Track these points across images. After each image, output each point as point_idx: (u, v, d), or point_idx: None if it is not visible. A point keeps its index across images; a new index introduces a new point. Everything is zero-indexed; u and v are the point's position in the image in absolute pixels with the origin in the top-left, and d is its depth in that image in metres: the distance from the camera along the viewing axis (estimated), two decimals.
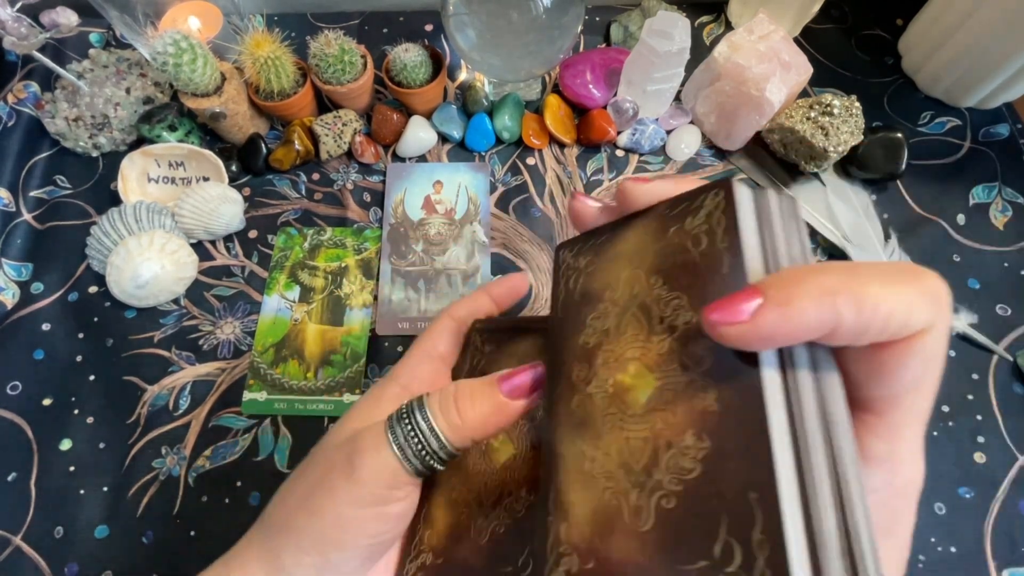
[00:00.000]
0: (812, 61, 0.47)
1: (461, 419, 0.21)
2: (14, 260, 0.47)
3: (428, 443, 0.21)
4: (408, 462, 0.21)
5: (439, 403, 0.21)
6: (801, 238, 0.16)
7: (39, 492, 0.40)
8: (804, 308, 0.13)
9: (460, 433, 0.21)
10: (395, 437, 0.21)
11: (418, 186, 0.50)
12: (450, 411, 0.21)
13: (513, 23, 0.42)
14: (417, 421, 0.21)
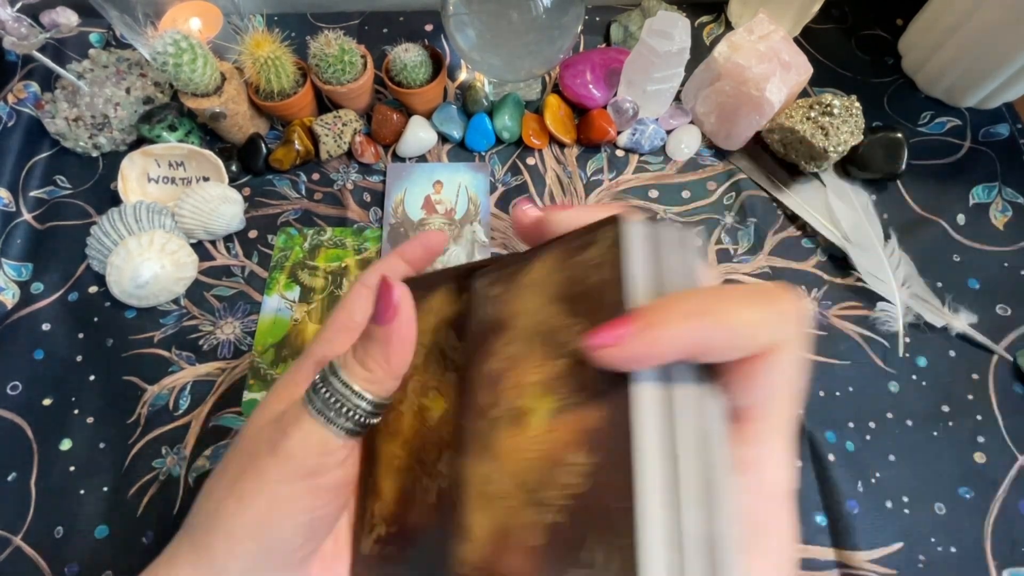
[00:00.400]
0: (812, 61, 0.47)
1: (367, 368, 0.21)
2: (14, 260, 0.47)
3: (348, 400, 0.21)
4: (334, 425, 0.21)
5: (344, 363, 0.21)
6: (688, 267, 0.17)
7: (39, 492, 0.40)
8: (666, 332, 0.14)
9: (375, 380, 0.21)
10: (314, 405, 0.21)
11: (418, 186, 0.50)
12: (354, 366, 0.21)
13: (513, 23, 0.42)
14: (333, 385, 0.21)
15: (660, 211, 0.49)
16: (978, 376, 0.42)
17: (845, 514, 0.38)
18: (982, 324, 0.43)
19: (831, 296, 0.45)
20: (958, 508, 0.39)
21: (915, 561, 0.37)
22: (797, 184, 0.49)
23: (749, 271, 0.46)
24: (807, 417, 0.41)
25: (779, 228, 0.48)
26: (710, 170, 0.50)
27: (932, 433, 0.41)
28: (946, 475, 0.39)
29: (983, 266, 0.46)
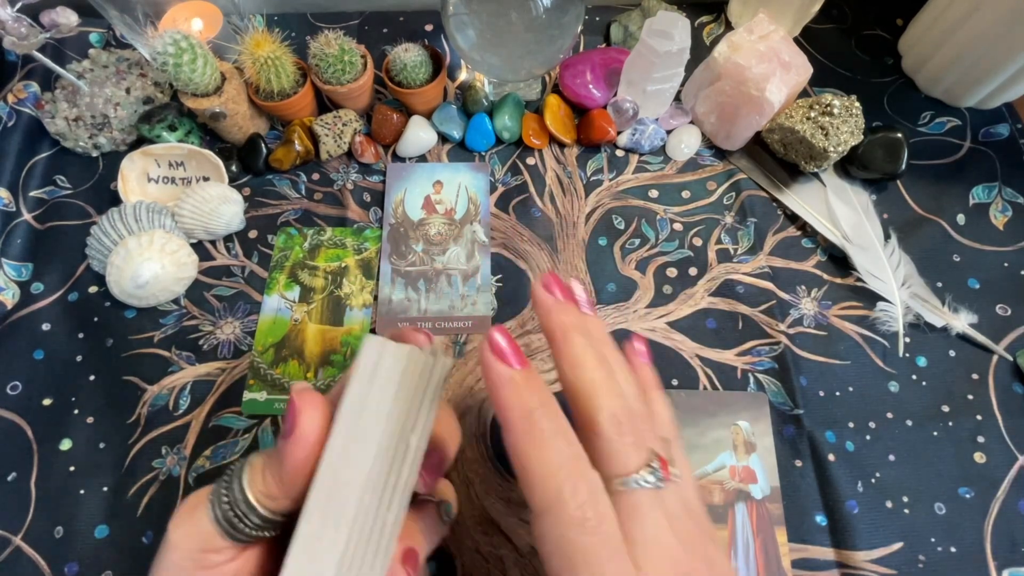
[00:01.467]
0: (812, 61, 0.47)
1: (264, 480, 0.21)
2: (14, 260, 0.47)
3: (238, 505, 0.21)
4: (218, 523, 0.21)
5: (253, 464, 0.22)
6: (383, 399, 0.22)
7: (39, 492, 0.40)
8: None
9: (269, 493, 0.21)
10: (212, 499, 0.21)
11: (418, 186, 0.50)
12: (257, 473, 0.21)
13: (513, 23, 0.42)
14: (232, 484, 0.22)
15: (660, 211, 0.49)
16: (978, 376, 0.42)
17: (845, 514, 0.38)
18: (982, 324, 0.43)
19: (831, 296, 0.45)
20: (958, 508, 0.39)
21: (915, 561, 0.37)
22: (797, 184, 0.49)
23: (749, 271, 0.46)
24: (807, 417, 0.41)
25: (779, 228, 0.48)
26: (710, 170, 0.51)
27: (932, 433, 0.41)
28: (946, 475, 0.39)
29: (983, 266, 0.46)
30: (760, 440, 0.40)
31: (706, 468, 0.37)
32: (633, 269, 0.46)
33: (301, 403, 0.21)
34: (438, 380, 0.23)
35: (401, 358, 0.22)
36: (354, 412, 0.22)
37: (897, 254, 0.45)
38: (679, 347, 0.43)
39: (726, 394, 0.41)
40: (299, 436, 0.21)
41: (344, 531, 0.20)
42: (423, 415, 0.22)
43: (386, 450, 0.21)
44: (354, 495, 0.21)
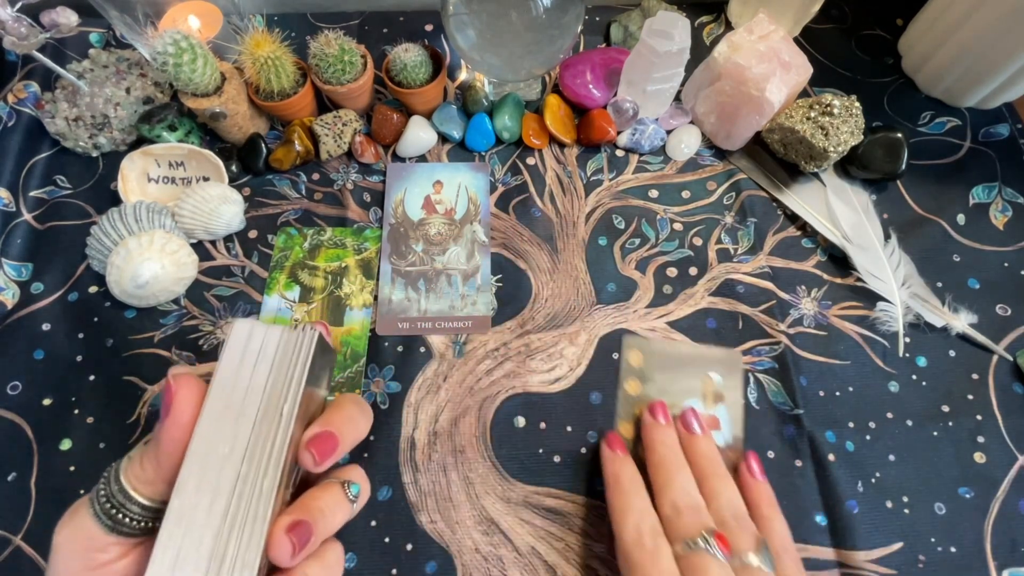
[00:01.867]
0: (812, 61, 0.47)
1: (142, 466, 0.22)
2: (14, 260, 0.47)
3: (114, 496, 0.22)
4: (97, 518, 0.22)
5: (129, 456, 0.23)
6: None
7: (39, 492, 0.40)
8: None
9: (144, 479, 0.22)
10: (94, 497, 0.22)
11: (418, 186, 0.50)
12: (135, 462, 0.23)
13: (513, 23, 0.42)
14: (108, 478, 0.22)
15: (660, 211, 0.49)
16: (978, 376, 0.42)
17: (845, 514, 0.38)
18: (982, 324, 0.43)
19: (831, 296, 0.45)
20: (958, 508, 0.39)
21: (915, 561, 0.37)
22: (797, 184, 0.49)
23: (749, 271, 0.46)
24: (807, 417, 0.41)
25: (779, 228, 0.48)
26: (710, 170, 0.51)
27: (932, 433, 0.41)
28: (946, 475, 0.39)
29: (983, 266, 0.46)
30: (730, 394, 0.41)
31: (672, 413, 0.40)
32: (633, 269, 0.46)
33: (177, 385, 0.22)
34: (307, 353, 0.24)
35: (271, 337, 0.24)
36: (225, 388, 0.23)
37: (897, 254, 0.45)
38: None
39: (703, 347, 0.43)
40: (175, 416, 0.22)
41: (222, 500, 0.21)
42: (294, 386, 0.24)
43: (259, 422, 0.23)
44: (230, 465, 0.22)
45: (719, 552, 0.29)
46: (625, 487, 0.33)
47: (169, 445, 0.22)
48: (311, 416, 0.26)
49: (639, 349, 0.43)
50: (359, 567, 0.37)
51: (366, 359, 0.43)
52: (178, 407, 0.22)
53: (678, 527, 0.30)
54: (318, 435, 0.25)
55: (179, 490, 0.21)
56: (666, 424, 0.37)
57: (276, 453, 0.23)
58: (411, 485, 0.39)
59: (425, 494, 0.39)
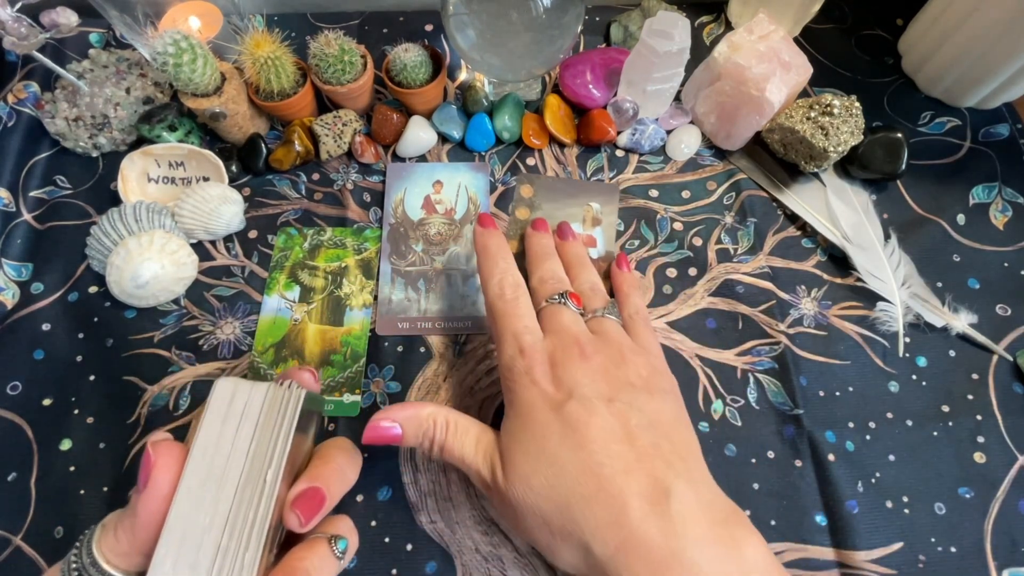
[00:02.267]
0: (812, 61, 0.47)
1: (116, 538, 0.22)
2: (14, 260, 0.47)
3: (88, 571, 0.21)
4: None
5: (104, 525, 0.22)
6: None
7: (39, 492, 0.40)
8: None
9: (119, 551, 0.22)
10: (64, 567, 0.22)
11: (418, 186, 0.50)
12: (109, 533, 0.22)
13: (513, 23, 0.42)
14: (81, 548, 0.22)
15: (661, 210, 0.49)
16: (978, 376, 0.42)
17: (845, 514, 0.38)
18: (982, 324, 0.43)
19: (831, 296, 0.45)
20: (958, 508, 0.39)
21: (915, 561, 0.37)
22: (797, 184, 0.49)
23: (749, 271, 0.46)
24: (807, 417, 0.41)
25: (779, 228, 0.48)
26: (710, 170, 0.51)
27: (932, 433, 0.41)
28: (946, 475, 0.39)
29: (983, 266, 0.46)
30: (606, 218, 0.48)
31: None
32: (633, 269, 0.46)
33: (156, 454, 0.21)
34: (292, 413, 0.23)
35: (255, 396, 0.23)
36: (206, 454, 0.22)
37: (897, 254, 0.45)
38: (679, 347, 0.44)
39: (587, 182, 0.50)
40: (152, 488, 0.21)
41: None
42: (278, 450, 0.23)
43: (242, 489, 0.22)
44: (209, 538, 0.21)
45: (572, 304, 0.35)
46: (492, 252, 0.37)
47: (146, 517, 0.21)
48: (297, 467, 0.25)
49: (530, 183, 0.49)
50: (359, 567, 0.37)
51: (366, 359, 0.43)
52: (156, 477, 0.21)
53: (541, 292, 0.36)
54: (304, 493, 0.24)
55: (155, 567, 0.20)
56: (544, 232, 0.42)
57: (259, 523, 0.22)
58: (411, 485, 0.39)
59: (425, 494, 0.39)
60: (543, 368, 0.31)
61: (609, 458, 0.27)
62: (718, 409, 0.42)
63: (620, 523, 0.25)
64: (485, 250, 0.37)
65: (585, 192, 0.49)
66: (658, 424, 0.29)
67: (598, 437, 0.28)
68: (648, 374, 0.32)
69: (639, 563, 0.24)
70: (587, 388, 0.30)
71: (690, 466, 0.29)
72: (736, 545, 0.25)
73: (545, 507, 0.26)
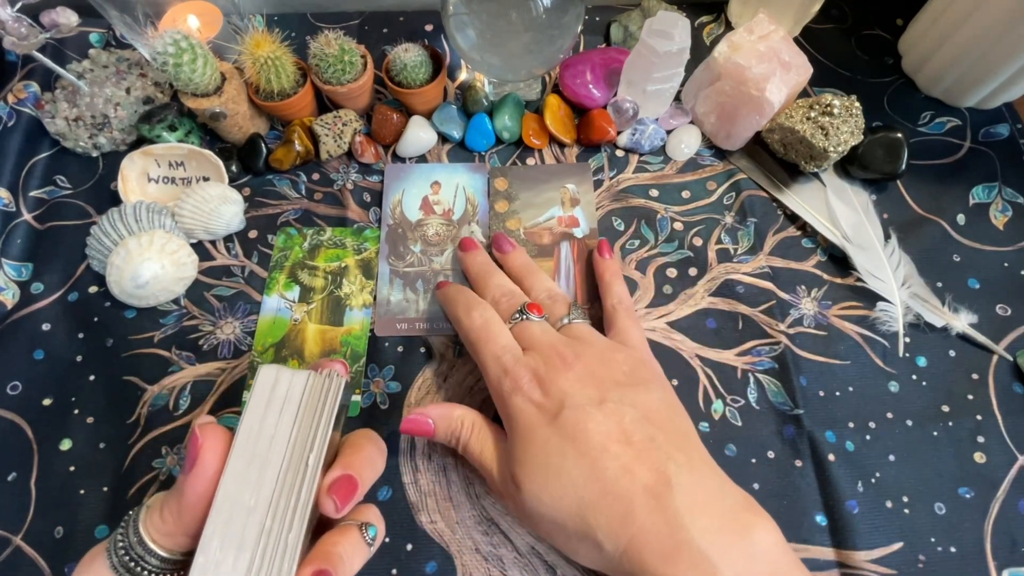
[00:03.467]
0: (812, 61, 0.47)
1: (162, 519, 0.22)
2: (14, 260, 0.47)
3: (133, 548, 0.21)
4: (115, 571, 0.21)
5: (150, 505, 0.22)
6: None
7: (39, 492, 0.40)
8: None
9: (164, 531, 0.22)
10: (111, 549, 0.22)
11: (416, 187, 0.50)
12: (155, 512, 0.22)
13: (513, 23, 0.42)
14: (128, 529, 0.22)
15: (661, 210, 0.49)
16: (978, 376, 0.42)
17: (845, 514, 0.38)
18: (982, 324, 0.43)
19: (831, 296, 0.45)
20: (958, 508, 0.39)
21: (915, 561, 0.37)
22: (797, 184, 0.49)
23: (749, 271, 0.46)
24: (807, 417, 0.41)
25: (779, 228, 0.48)
26: (710, 170, 0.51)
27: (932, 433, 0.41)
28: (946, 475, 0.39)
29: (983, 266, 0.46)
30: (584, 197, 0.49)
31: (538, 219, 0.48)
32: (633, 269, 0.46)
33: (204, 436, 0.22)
34: (333, 400, 0.24)
35: (296, 383, 0.24)
36: (251, 437, 0.23)
37: (897, 254, 0.45)
38: (679, 347, 0.44)
39: (556, 165, 0.51)
40: (200, 469, 0.22)
41: (246, 555, 0.21)
42: (320, 435, 0.24)
43: (285, 472, 0.22)
44: (254, 519, 0.21)
45: (535, 316, 0.35)
46: (450, 293, 0.39)
47: (193, 497, 0.21)
48: (329, 457, 0.26)
49: (503, 176, 0.50)
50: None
51: (366, 359, 0.43)
52: (203, 459, 0.22)
53: (501, 313, 0.36)
54: (339, 479, 0.25)
55: (204, 547, 0.21)
56: (476, 250, 0.43)
57: (302, 504, 0.23)
58: (411, 485, 0.39)
59: (425, 494, 0.39)
60: (530, 384, 0.32)
61: (610, 460, 0.28)
62: (718, 409, 0.42)
63: (628, 521, 0.26)
64: (443, 291, 0.41)
65: (557, 176, 0.50)
66: (651, 416, 0.30)
67: (596, 441, 0.28)
68: (631, 368, 0.33)
69: (651, 557, 0.25)
70: (577, 396, 0.30)
71: (690, 455, 0.29)
72: (745, 531, 0.26)
73: (558, 516, 0.28)
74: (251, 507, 0.22)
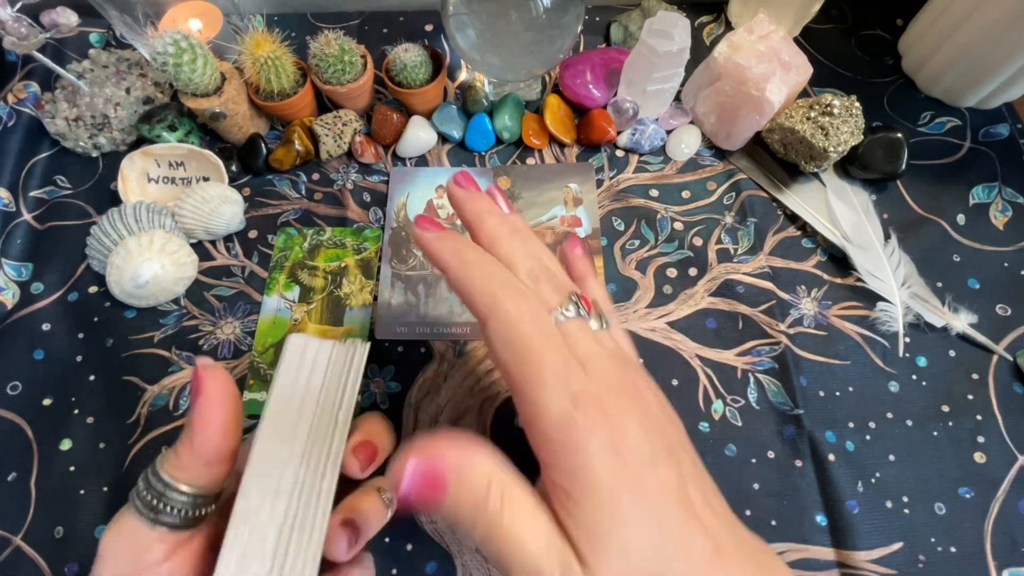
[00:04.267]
0: (812, 61, 0.47)
1: (177, 454, 0.22)
2: (14, 260, 0.47)
3: (155, 489, 0.22)
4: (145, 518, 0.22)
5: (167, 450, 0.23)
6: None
7: (39, 492, 0.40)
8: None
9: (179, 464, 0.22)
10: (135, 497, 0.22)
11: (421, 190, 0.50)
12: (171, 452, 0.23)
13: (513, 23, 0.42)
14: (149, 475, 0.23)
15: (661, 210, 0.49)
16: (978, 376, 0.42)
17: (845, 514, 0.38)
18: (982, 324, 0.43)
19: (831, 296, 0.45)
20: (958, 508, 0.39)
21: (915, 561, 0.37)
22: (797, 184, 0.49)
23: (749, 271, 0.46)
24: (807, 417, 0.41)
25: (779, 228, 0.48)
26: (710, 170, 0.51)
27: (932, 433, 0.41)
28: (946, 475, 0.39)
29: (983, 266, 0.46)
30: (586, 196, 0.49)
31: (541, 218, 0.48)
32: (633, 269, 0.46)
33: (205, 373, 0.23)
34: (359, 364, 0.26)
35: (323, 349, 0.26)
36: (284, 396, 0.25)
37: (897, 254, 0.45)
38: (679, 347, 0.44)
39: (559, 165, 0.50)
40: (206, 396, 0.22)
41: (283, 501, 0.23)
42: (347, 394, 0.26)
43: (316, 428, 0.24)
44: (289, 470, 0.23)
45: (592, 318, 0.26)
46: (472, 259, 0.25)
47: (202, 425, 0.22)
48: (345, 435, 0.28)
49: (506, 175, 0.50)
50: None
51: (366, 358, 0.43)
52: (207, 386, 0.22)
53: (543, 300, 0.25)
54: (361, 443, 0.27)
55: (244, 493, 0.22)
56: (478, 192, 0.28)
57: (333, 455, 0.24)
58: None
59: None
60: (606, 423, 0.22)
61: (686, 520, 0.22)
62: (718, 409, 0.42)
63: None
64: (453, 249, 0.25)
65: (560, 175, 0.50)
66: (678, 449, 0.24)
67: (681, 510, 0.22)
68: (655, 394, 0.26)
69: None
70: (645, 446, 0.22)
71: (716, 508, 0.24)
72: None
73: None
74: (286, 459, 0.24)
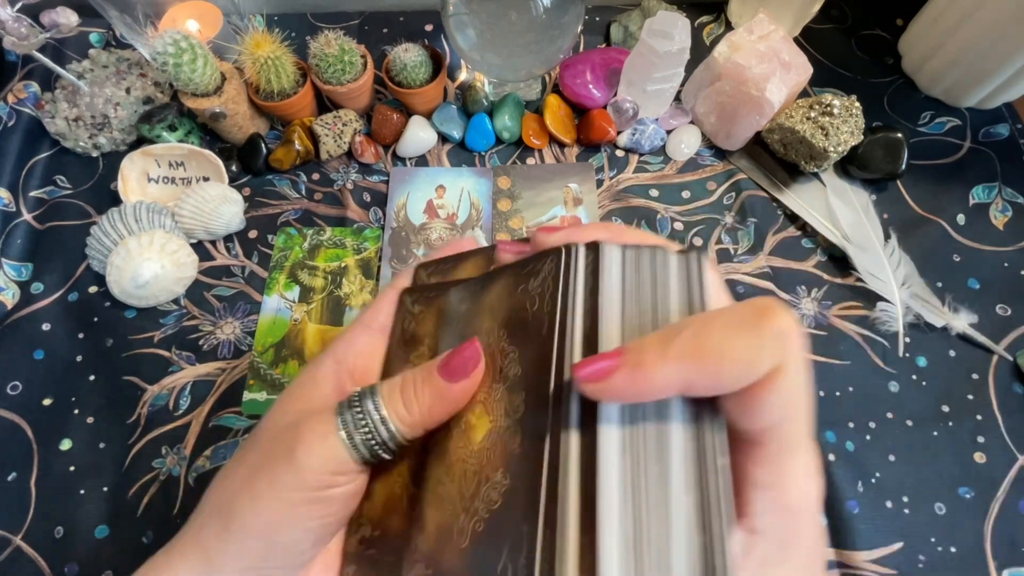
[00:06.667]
0: (812, 61, 0.47)
1: (407, 409, 0.21)
2: (14, 260, 0.47)
3: (378, 432, 0.21)
4: (356, 450, 0.21)
5: (388, 393, 0.21)
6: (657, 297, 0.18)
7: (39, 492, 0.40)
8: (656, 374, 0.15)
9: (409, 423, 0.21)
10: (344, 424, 0.21)
11: (421, 190, 0.50)
12: (397, 401, 0.21)
13: (513, 23, 0.42)
14: (368, 410, 0.21)
15: (661, 210, 0.49)
16: (978, 376, 0.42)
17: (845, 514, 0.38)
18: (982, 324, 0.43)
19: (831, 296, 0.45)
20: (958, 508, 0.39)
21: (915, 561, 0.37)
22: (797, 184, 0.49)
23: (749, 271, 0.46)
24: None
25: (779, 228, 0.48)
26: (710, 170, 0.50)
27: (932, 433, 0.41)
28: (946, 475, 0.39)
29: (983, 266, 0.46)
30: (586, 196, 0.49)
31: (541, 218, 0.48)
32: None
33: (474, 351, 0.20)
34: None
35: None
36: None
37: (897, 254, 0.45)
38: None
39: (559, 164, 0.50)
40: (470, 383, 0.20)
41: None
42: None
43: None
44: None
45: None
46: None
47: (450, 404, 0.20)
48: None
49: (506, 175, 0.49)
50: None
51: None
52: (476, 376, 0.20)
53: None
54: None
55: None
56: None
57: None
58: None
59: None
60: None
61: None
62: None
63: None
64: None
65: (560, 175, 0.50)
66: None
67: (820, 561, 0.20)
68: None
69: None
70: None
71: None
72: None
73: None
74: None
